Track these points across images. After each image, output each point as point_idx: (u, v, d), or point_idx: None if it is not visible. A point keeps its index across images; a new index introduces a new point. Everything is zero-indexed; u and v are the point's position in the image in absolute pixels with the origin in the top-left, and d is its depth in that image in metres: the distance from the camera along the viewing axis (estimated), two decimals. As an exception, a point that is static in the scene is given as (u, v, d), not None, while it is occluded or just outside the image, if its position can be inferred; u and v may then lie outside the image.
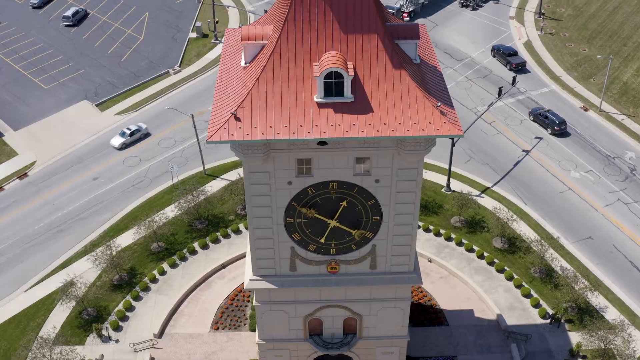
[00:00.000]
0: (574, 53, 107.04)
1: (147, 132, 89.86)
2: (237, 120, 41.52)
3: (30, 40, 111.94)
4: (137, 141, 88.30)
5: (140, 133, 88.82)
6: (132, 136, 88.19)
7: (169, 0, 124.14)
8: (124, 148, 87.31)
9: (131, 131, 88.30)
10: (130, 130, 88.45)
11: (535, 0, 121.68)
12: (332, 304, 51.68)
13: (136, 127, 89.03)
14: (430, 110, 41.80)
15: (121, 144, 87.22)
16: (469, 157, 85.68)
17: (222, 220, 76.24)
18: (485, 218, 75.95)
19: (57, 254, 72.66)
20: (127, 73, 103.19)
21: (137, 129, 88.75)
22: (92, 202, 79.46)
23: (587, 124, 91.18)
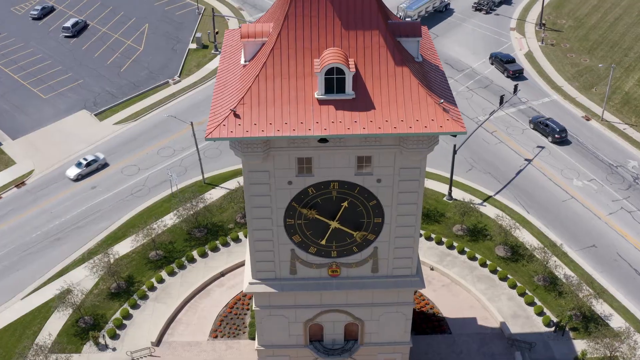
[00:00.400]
0: (575, 63, 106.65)
1: (104, 163, 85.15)
2: (236, 117, 40.83)
3: (30, 50, 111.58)
4: (95, 172, 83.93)
5: (97, 163, 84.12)
6: (89, 167, 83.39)
7: (169, 12, 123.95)
8: (80, 179, 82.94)
9: (87, 161, 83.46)
10: (86, 160, 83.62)
11: (536, 12, 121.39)
12: (333, 308, 50.73)
13: (93, 158, 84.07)
14: (433, 107, 41.12)
15: (77, 175, 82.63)
16: (471, 166, 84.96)
17: (221, 228, 75.39)
18: (487, 226, 75.09)
19: (54, 262, 71.77)
20: (126, 83, 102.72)
21: (94, 159, 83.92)
22: (90, 211, 78.62)
23: (589, 133, 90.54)
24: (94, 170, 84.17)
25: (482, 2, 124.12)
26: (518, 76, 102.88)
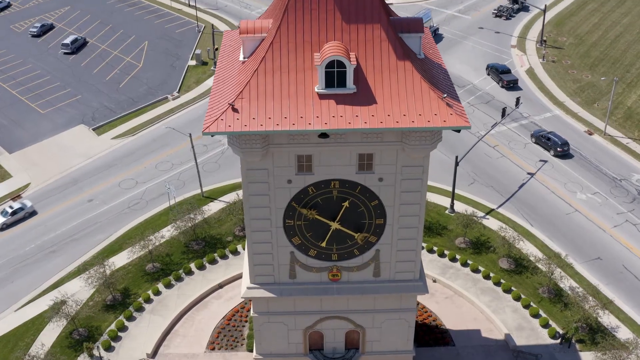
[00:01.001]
0: (576, 79, 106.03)
1: (32, 211, 78.85)
2: (234, 111, 39.83)
3: (29, 67, 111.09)
4: (21, 220, 77.89)
5: (24, 212, 77.86)
6: (14, 215, 77.16)
7: (169, 30, 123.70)
8: (5, 229, 76.92)
9: (13, 210, 77.34)
10: (12, 209, 77.46)
11: (536, 30, 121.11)
12: (333, 314, 49.33)
13: (19, 206, 77.83)
14: (436, 102, 40.13)
15: (1, 224, 76.59)
16: (473, 180, 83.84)
17: (219, 241, 74.06)
18: (490, 239, 73.75)
19: (49, 274, 70.37)
20: (125, 99, 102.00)
21: (20, 208, 77.74)
22: (86, 224, 77.33)
23: (592, 147, 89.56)
24: (20, 219, 77.73)
25: (502, 9, 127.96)
26: (512, 86, 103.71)
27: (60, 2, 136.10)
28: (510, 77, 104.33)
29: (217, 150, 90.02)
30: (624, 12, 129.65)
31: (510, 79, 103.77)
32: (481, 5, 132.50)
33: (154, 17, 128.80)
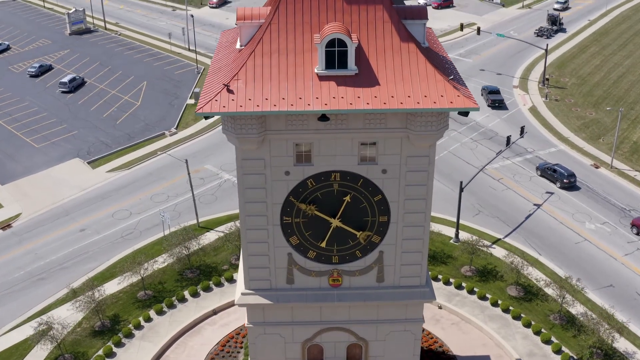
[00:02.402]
0: (580, 117, 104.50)
1: None
2: (229, 92, 37.64)
3: (25, 104, 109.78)
4: None
5: None
6: None
7: (168, 71, 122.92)
8: None
9: None
10: None
11: (538, 72, 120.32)
12: (334, 325, 46.07)
13: None
14: (442, 84, 38.01)
15: None
16: (478, 211, 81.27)
17: (215, 269, 71.02)
18: (497, 267, 70.73)
19: (37, 300, 67.14)
20: (121, 134, 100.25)
21: None
22: (77, 252, 74.44)
23: (600, 180, 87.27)
24: None
25: (542, 30, 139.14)
26: (497, 106, 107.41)
27: (60, 45, 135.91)
28: (496, 96, 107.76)
29: (214, 183, 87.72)
30: (626, 54, 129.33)
31: (496, 98, 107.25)
32: (482, 49, 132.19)
33: (153, 60, 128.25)
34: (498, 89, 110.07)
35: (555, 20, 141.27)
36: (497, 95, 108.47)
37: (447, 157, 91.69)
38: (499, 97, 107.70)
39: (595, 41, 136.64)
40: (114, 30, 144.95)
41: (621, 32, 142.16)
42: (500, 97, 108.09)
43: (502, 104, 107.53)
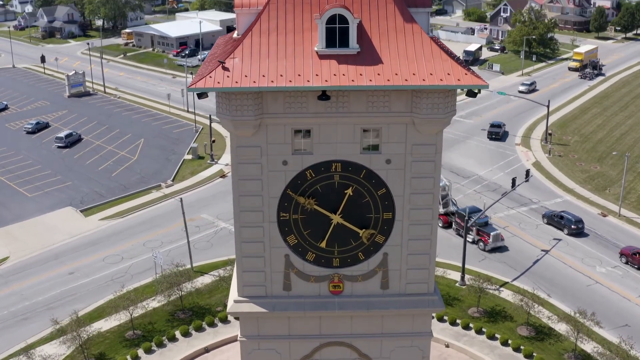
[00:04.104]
0: (585, 170, 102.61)
1: None
2: (225, 70, 35.55)
3: (20, 157, 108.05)
4: None
5: None
6: None
7: (167, 130, 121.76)
8: None
9: None
10: None
11: (540, 131, 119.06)
12: (334, 339, 42.41)
13: None
14: (449, 62, 35.99)
15: None
16: (484, 257, 78.25)
17: (208, 311, 67.52)
18: (506, 308, 67.31)
19: (19, 339, 63.36)
20: (116, 185, 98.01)
21: None
22: (65, 294, 71.06)
23: (608, 227, 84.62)
24: None
25: (586, 74, 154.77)
26: (494, 137, 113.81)
27: (58, 106, 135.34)
28: (495, 129, 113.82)
29: (210, 230, 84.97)
30: (627, 115, 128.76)
31: (494, 130, 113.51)
32: (482, 111, 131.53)
33: (151, 120, 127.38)
34: (500, 124, 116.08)
35: (595, 65, 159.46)
36: (497, 128, 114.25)
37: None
38: (497, 130, 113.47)
39: (596, 103, 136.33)
40: (113, 94, 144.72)
41: (622, 96, 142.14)
42: (498, 130, 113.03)
43: (498, 136, 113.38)
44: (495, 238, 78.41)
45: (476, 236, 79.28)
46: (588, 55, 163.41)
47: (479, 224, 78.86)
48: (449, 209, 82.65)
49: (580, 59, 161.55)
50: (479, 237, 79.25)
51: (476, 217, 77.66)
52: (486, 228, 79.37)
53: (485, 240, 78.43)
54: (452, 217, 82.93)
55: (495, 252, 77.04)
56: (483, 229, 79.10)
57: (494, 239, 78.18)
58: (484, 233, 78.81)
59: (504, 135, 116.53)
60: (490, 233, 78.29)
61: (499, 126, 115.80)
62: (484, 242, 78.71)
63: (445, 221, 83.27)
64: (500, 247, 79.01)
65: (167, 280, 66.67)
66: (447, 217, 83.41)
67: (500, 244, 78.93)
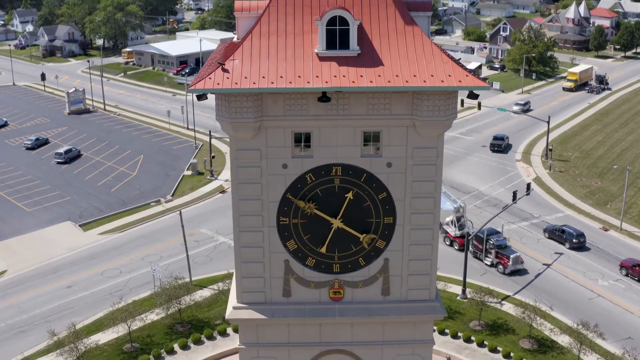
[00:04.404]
0: (586, 185, 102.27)
1: None
2: (224, 71, 35.36)
3: (19, 173, 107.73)
4: None
5: None
6: None
7: (166, 146, 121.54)
8: None
9: None
10: None
11: (540, 147, 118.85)
12: (335, 347, 41.87)
13: None
14: (450, 64, 35.82)
15: None
16: (485, 271, 77.64)
17: (207, 324, 66.88)
18: (508, 321, 66.69)
19: (16, 351, 62.59)
20: (115, 200, 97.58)
21: None
22: (63, 307, 70.40)
23: (610, 241, 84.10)
24: None
25: (593, 88, 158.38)
26: (496, 150, 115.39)
27: (58, 123, 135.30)
28: (498, 141, 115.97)
29: (209, 245, 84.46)
30: (628, 131, 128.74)
31: (497, 142, 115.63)
32: (482, 128, 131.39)
33: (151, 137, 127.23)
34: (503, 136, 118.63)
35: (602, 80, 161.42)
36: (499, 140, 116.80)
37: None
38: (499, 142, 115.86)
39: (596, 120, 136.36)
40: (113, 111, 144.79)
41: (622, 113, 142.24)
42: (501, 142, 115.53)
43: (500, 148, 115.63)
44: (515, 260, 75.48)
45: (495, 259, 76.41)
46: (583, 76, 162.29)
47: (498, 246, 76.33)
48: (465, 231, 79.27)
49: (575, 79, 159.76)
50: (498, 259, 76.22)
51: (495, 239, 75.98)
52: (505, 250, 76.30)
53: (504, 263, 75.40)
54: (468, 239, 78.07)
55: (515, 275, 75.54)
56: (502, 252, 76.08)
57: (514, 262, 75.29)
58: (503, 256, 75.84)
59: (507, 148, 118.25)
60: (510, 256, 75.21)
61: (501, 139, 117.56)
62: (503, 265, 75.65)
63: (462, 243, 79.65)
64: (520, 270, 76.11)
65: (166, 292, 66.02)
66: (463, 240, 79.66)
67: (520, 267, 75.98)
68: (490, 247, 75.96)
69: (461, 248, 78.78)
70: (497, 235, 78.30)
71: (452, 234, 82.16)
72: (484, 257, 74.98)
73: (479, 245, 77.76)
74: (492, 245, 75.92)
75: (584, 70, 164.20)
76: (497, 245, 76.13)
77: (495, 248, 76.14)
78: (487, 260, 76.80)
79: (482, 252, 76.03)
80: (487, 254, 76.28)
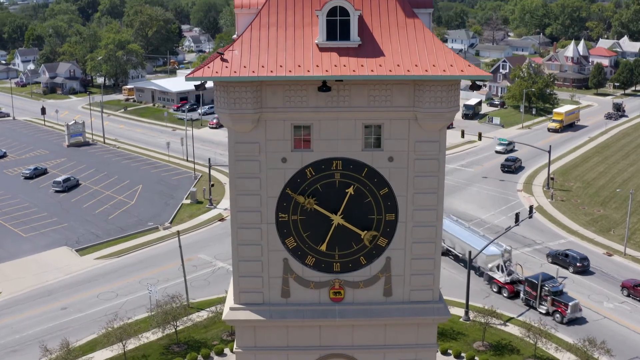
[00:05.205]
0: (588, 213, 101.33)
1: None
2: (223, 61, 34.89)
3: (17, 200, 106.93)
4: None
5: None
6: None
7: (166, 177, 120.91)
8: None
9: None
10: None
11: (542, 178, 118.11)
12: (335, 351, 40.60)
13: None
14: (451, 55, 35.38)
15: None
16: (488, 294, 76.34)
17: (204, 345, 65.43)
18: (512, 342, 65.24)
19: (6, 371, 61.17)
20: (113, 227, 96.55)
21: None
22: (57, 328, 68.99)
23: (614, 266, 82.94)
24: None
25: (611, 115, 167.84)
26: (507, 170, 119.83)
27: (56, 155, 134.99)
28: (509, 162, 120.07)
29: (207, 269, 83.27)
30: (629, 163, 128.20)
31: (507, 164, 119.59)
32: (483, 161, 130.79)
33: (150, 168, 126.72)
34: (515, 158, 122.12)
35: (619, 107, 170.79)
36: (511, 162, 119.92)
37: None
38: (509, 163, 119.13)
39: (597, 153, 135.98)
40: (112, 144, 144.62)
41: (623, 146, 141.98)
42: (512, 164, 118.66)
43: (511, 169, 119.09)
44: (574, 308, 69.23)
45: (551, 307, 70.12)
46: (569, 116, 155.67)
47: (554, 293, 70.22)
48: (515, 277, 75.29)
49: (560, 119, 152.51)
50: (555, 307, 69.93)
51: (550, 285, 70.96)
52: (562, 297, 70.11)
53: (562, 312, 69.09)
54: (519, 285, 74.55)
55: (574, 325, 73.09)
56: (559, 299, 69.89)
57: (573, 310, 69.00)
58: (560, 303, 69.61)
59: (518, 170, 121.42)
60: (569, 303, 69.02)
61: (513, 160, 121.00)
62: (561, 314, 69.30)
63: (512, 290, 74.72)
64: (578, 318, 70.04)
65: (162, 309, 64.65)
66: (512, 286, 74.98)
67: (579, 315, 69.86)
68: (546, 294, 70.32)
69: (511, 295, 74.34)
70: (552, 280, 72.10)
71: (502, 280, 75.71)
72: (538, 305, 70.11)
73: (532, 291, 71.84)
74: (547, 292, 70.26)
75: (569, 111, 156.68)
76: (552, 291, 70.15)
77: (550, 295, 70.01)
78: (542, 308, 70.75)
79: (535, 299, 70.83)
80: (541, 302, 70.84)
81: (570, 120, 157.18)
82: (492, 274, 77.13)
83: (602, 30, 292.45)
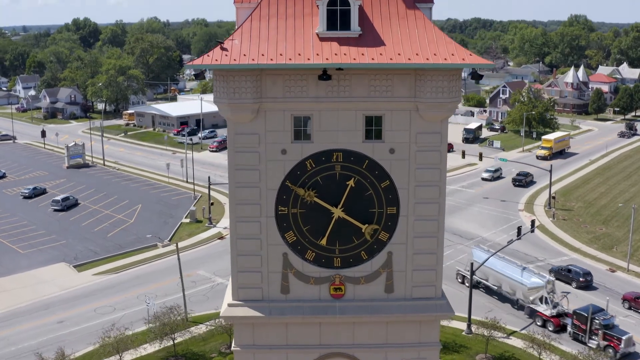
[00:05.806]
0: (590, 232, 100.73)
1: None
2: (223, 49, 34.65)
3: (15, 219, 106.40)
4: None
5: None
6: None
7: (165, 197, 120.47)
8: None
9: None
10: None
11: (543, 198, 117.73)
12: (335, 350, 39.72)
13: None
14: (453, 45, 35.15)
15: None
16: (490, 309, 75.42)
17: (202, 357, 64.55)
18: (516, 354, 64.28)
19: (1, 382, 60.13)
20: (112, 244, 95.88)
21: None
22: (53, 340, 68.00)
23: (617, 282, 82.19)
24: None
25: (624, 133, 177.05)
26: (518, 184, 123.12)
27: (56, 176, 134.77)
28: (520, 177, 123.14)
29: (206, 285, 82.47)
30: (631, 184, 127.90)
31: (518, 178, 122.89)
32: (484, 183, 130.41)
33: (150, 189, 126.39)
34: (527, 173, 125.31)
35: (631, 126, 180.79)
36: (522, 176, 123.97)
37: (454, 265, 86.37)
38: (520, 178, 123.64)
39: (598, 174, 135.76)
40: (112, 166, 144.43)
41: (624, 167, 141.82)
42: (522, 178, 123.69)
43: (522, 183, 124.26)
44: (628, 342, 64.79)
45: (602, 341, 65.36)
46: (558, 143, 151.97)
47: (605, 326, 65.97)
48: (561, 309, 71.63)
49: (549, 146, 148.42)
50: (607, 342, 65.24)
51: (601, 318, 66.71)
52: (614, 330, 65.78)
53: (615, 346, 64.43)
54: (565, 318, 70.67)
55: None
56: (611, 332, 65.54)
57: (626, 344, 64.57)
58: (612, 337, 65.20)
59: (529, 184, 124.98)
60: (622, 337, 64.64)
61: (524, 175, 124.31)
62: (614, 349, 64.49)
63: (557, 324, 70.39)
64: (632, 352, 65.44)
65: (160, 320, 63.79)
66: (559, 320, 70.81)
67: (632, 349, 65.29)
68: (597, 327, 66.04)
69: (557, 329, 69.97)
70: (602, 313, 67.62)
71: (547, 313, 71.32)
72: (588, 340, 66.01)
73: (581, 325, 67.42)
74: (598, 325, 66.05)
75: (559, 138, 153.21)
76: (604, 325, 65.96)
77: (602, 328, 65.69)
78: (592, 342, 65.93)
79: (585, 333, 66.71)
80: (592, 336, 66.48)
81: (559, 148, 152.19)
82: (535, 306, 72.57)
83: (601, 58, 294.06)
